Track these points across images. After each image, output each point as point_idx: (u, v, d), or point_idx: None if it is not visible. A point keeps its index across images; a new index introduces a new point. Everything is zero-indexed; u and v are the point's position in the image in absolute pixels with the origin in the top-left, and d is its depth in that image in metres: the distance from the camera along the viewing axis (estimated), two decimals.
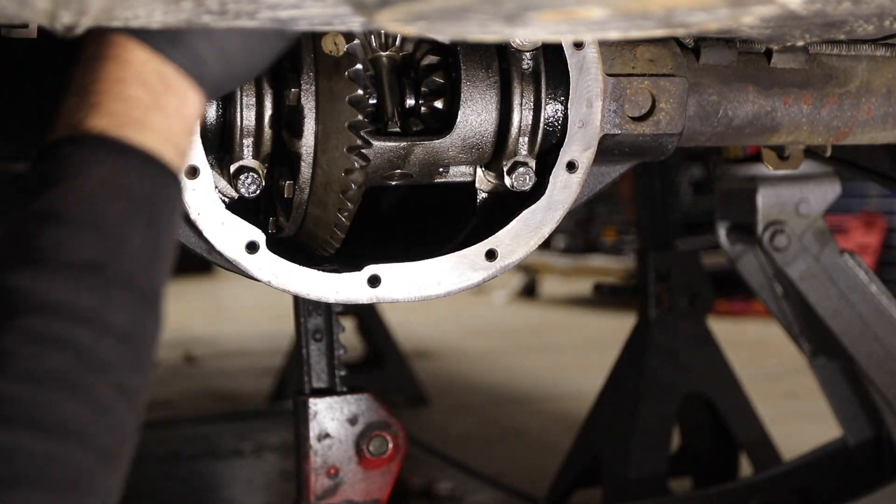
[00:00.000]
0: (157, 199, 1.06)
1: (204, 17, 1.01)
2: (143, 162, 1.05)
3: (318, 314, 1.94)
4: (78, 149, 1.03)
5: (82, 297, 0.98)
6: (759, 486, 2.73)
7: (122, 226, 1.02)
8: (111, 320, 0.99)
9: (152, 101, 1.07)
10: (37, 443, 0.92)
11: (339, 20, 1.02)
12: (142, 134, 1.06)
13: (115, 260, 1.01)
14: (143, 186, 1.05)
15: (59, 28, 1.00)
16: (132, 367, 1.02)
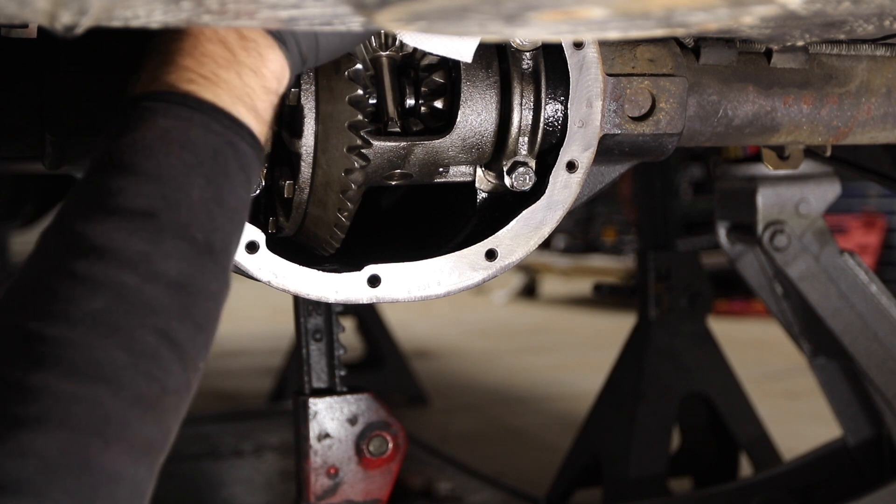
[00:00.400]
0: (221, 154, 1.04)
1: (204, 16, 1.01)
2: (208, 116, 1.04)
3: (318, 314, 1.94)
4: (146, 102, 1.03)
5: (132, 242, 0.97)
6: (759, 486, 2.73)
7: (181, 177, 1.01)
8: (160, 267, 0.97)
9: (228, 57, 1.06)
10: (64, 383, 0.90)
11: (339, 20, 1.02)
12: (212, 89, 1.04)
13: (169, 209, 0.99)
14: (207, 140, 1.03)
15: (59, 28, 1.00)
16: (181, 316, 0.99)
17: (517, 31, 1.02)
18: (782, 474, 2.75)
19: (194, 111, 1.03)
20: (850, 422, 2.64)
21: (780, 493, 2.70)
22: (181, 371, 1.00)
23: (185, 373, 1.01)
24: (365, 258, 1.43)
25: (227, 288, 1.06)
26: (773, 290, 2.57)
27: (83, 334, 0.92)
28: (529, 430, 4.61)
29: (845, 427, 2.64)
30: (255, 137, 1.08)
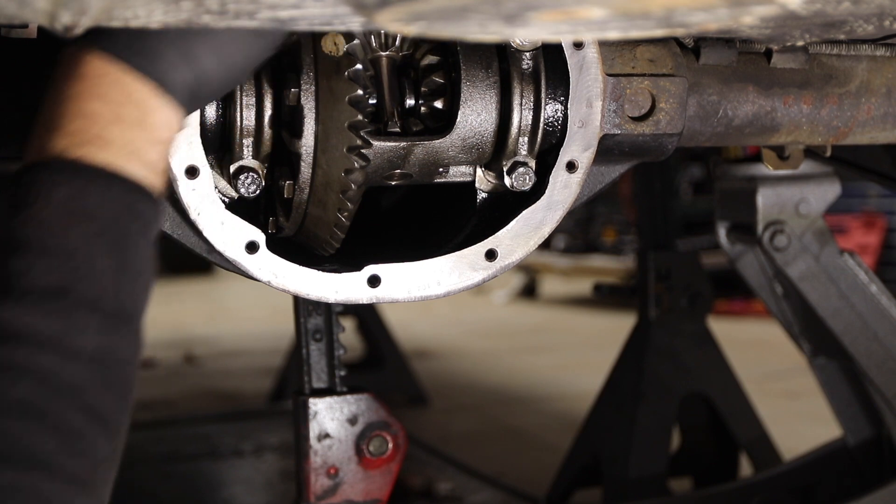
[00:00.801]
0: (122, 218, 1.04)
1: (204, 16, 1.01)
2: (104, 180, 1.03)
3: (318, 314, 1.94)
4: (40, 173, 1.02)
5: (46, 323, 0.97)
6: (759, 486, 2.73)
7: (85, 248, 1.01)
8: (77, 344, 0.98)
9: (112, 115, 1.04)
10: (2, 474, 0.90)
11: (339, 20, 1.02)
12: (103, 151, 1.03)
13: (77, 284, 0.99)
14: (106, 205, 1.02)
15: (59, 28, 1.00)
16: (104, 389, 1.00)
17: (517, 31, 1.02)
18: (782, 474, 2.75)
19: (89, 179, 1.02)
20: (850, 422, 2.64)
21: (780, 493, 2.70)
22: (107, 442, 1.00)
23: (111, 442, 1.01)
24: (365, 258, 1.43)
25: (141, 347, 1.08)
26: (773, 290, 2.57)
27: (12, 424, 0.93)
28: (529, 430, 4.61)
29: (845, 427, 2.64)
30: (151, 193, 1.07)
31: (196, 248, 1.40)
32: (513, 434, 4.55)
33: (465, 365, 6.30)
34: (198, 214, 1.33)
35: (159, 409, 5.01)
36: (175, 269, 11.27)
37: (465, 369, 6.16)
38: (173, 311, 8.67)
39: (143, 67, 1.06)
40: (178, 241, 1.41)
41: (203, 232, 1.35)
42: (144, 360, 6.26)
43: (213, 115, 1.36)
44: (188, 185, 1.32)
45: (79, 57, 1.05)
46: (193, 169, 1.32)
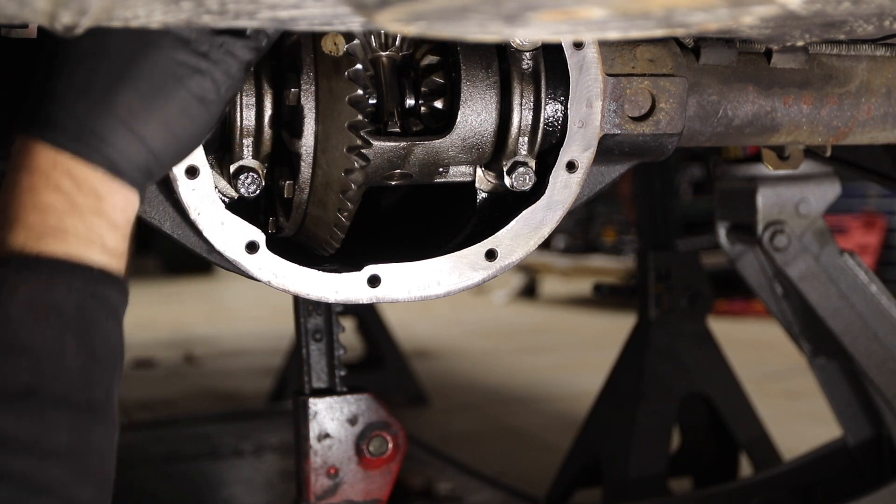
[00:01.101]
0: (87, 309, 1.04)
1: (204, 17, 1.01)
2: (66, 272, 1.04)
3: (318, 314, 1.94)
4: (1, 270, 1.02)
5: (18, 425, 0.97)
6: (759, 486, 2.73)
7: (53, 344, 1.01)
8: (51, 443, 0.99)
9: (68, 205, 1.05)
10: None
11: (339, 20, 1.02)
12: (62, 242, 1.04)
13: (47, 382, 1.00)
14: (71, 297, 1.03)
15: (59, 28, 1.00)
16: (82, 481, 1.01)
17: (517, 31, 1.02)
18: (782, 474, 2.75)
19: (51, 273, 1.03)
20: (850, 422, 2.64)
21: (780, 493, 2.70)
22: None
23: None
24: (365, 258, 1.43)
25: (117, 429, 1.08)
26: (773, 290, 2.57)
27: None
28: (529, 430, 4.61)
29: (845, 427, 2.64)
30: (115, 278, 1.08)
31: (196, 248, 1.40)
32: (513, 434, 4.55)
33: (465, 365, 6.30)
34: (198, 214, 1.33)
35: (159, 409, 5.01)
36: (175, 269, 11.29)
37: (465, 369, 6.16)
38: (173, 311, 8.68)
39: (92, 155, 1.07)
40: (178, 241, 1.40)
41: (203, 232, 1.35)
42: (144, 360, 6.27)
43: None
44: (188, 185, 1.32)
45: (29, 149, 1.06)
46: (193, 169, 1.32)
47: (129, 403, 4.98)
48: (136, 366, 6.14)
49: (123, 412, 4.79)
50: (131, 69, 1.10)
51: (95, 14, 0.98)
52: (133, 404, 4.99)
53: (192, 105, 1.14)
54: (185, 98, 1.13)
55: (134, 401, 5.07)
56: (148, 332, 7.28)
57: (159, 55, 1.11)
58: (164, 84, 1.12)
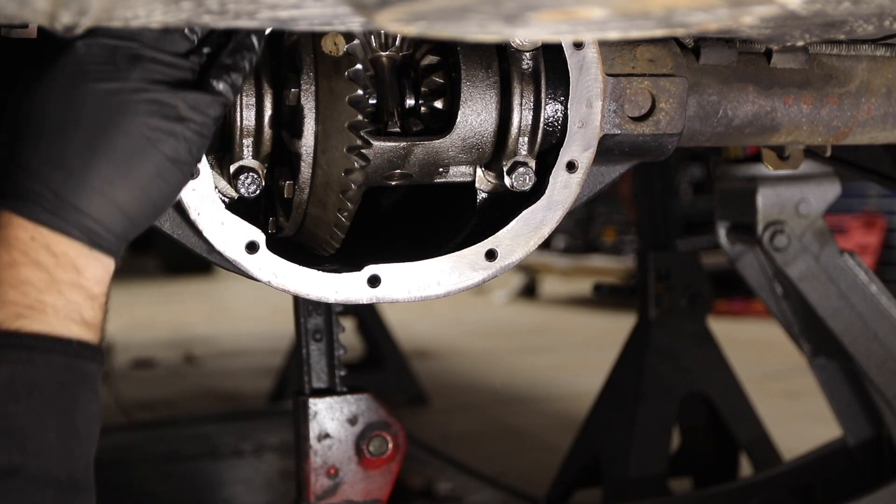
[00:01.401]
0: (67, 384, 1.06)
1: (204, 16, 1.01)
2: (46, 349, 1.05)
3: (318, 314, 1.94)
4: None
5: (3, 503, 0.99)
6: (759, 486, 2.73)
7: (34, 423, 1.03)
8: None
9: (47, 280, 1.07)
10: None
11: (339, 20, 1.02)
12: (41, 319, 1.05)
13: (30, 460, 1.02)
14: (51, 374, 1.05)
15: (59, 28, 1.00)
16: None
17: (517, 31, 1.02)
18: (782, 474, 2.75)
19: (31, 351, 1.05)
20: (850, 422, 2.64)
21: (780, 493, 2.71)
22: None
23: None
24: (365, 258, 1.43)
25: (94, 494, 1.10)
26: (773, 290, 2.57)
27: None
28: (529, 430, 4.61)
29: (845, 427, 2.64)
30: (93, 349, 1.09)
31: (196, 248, 1.40)
32: (513, 434, 4.55)
33: (465, 365, 6.30)
34: (198, 214, 1.33)
35: (159, 409, 5.01)
36: (175, 269, 11.28)
37: (465, 369, 6.16)
38: (173, 311, 8.68)
39: (70, 229, 1.09)
40: (178, 241, 1.40)
41: (203, 232, 1.35)
42: (144, 360, 6.27)
43: None
44: (188, 185, 1.32)
45: (6, 223, 1.07)
46: None
47: (129, 403, 4.98)
48: (136, 366, 6.14)
49: (123, 412, 4.81)
50: (105, 139, 1.11)
51: (95, 14, 0.98)
52: (133, 404, 4.99)
53: (166, 168, 1.15)
54: (160, 162, 1.15)
55: (134, 401, 5.07)
56: (148, 332, 7.28)
57: (132, 123, 1.12)
58: (139, 150, 1.13)
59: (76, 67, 1.12)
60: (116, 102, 1.12)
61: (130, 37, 1.13)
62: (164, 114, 1.14)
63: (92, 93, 1.11)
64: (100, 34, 1.12)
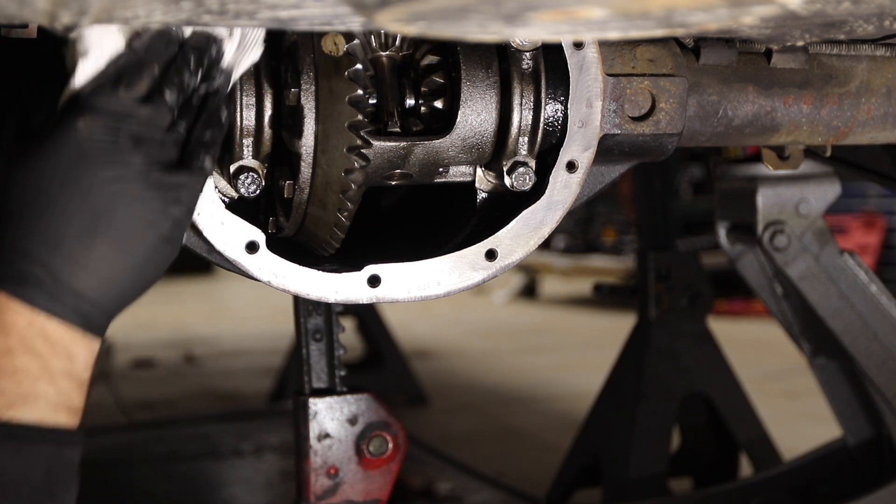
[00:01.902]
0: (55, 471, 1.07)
1: (204, 16, 1.01)
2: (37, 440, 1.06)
3: (318, 314, 1.94)
4: None
5: None
6: (759, 486, 2.73)
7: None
8: None
9: (41, 368, 1.08)
10: None
11: (339, 20, 1.02)
12: (32, 409, 1.07)
13: None
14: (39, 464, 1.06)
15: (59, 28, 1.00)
16: None
17: (517, 31, 1.02)
18: (782, 474, 2.75)
19: (22, 441, 1.06)
20: (850, 422, 2.64)
21: (780, 493, 2.70)
22: None
23: None
24: (365, 258, 1.43)
25: None
26: (773, 290, 2.57)
27: None
28: (529, 430, 4.61)
29: (845, 427, 2.64)
30: (76, 434, 1.11)
31: (196, 248, 1.40)
32: (513, 434, 4.55)
33: (465, 365, 6.30)
34: (198, 214, 1.33)
35: (159, 409, 5.01)
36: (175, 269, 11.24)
37: (465, 369, 6.15)
38: (173, 311, 8.67)
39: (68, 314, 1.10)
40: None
41: (203, 232, 1.35)
42: (144, 360, 6.27)
43: None
44: None
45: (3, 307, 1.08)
46: None
47: (129, 403, 4.98)
48: (136, 366, 6.14)
49: (123, 412, 4.81)
50: (106, 222, 1.13)
51: (95, 14, 0.98)
52: (133, 404, 4.99)
53: (160, 247, 1.17)
54: (155, 242, 1.17)
55: (134, 401, 5.07)
56: (148, 332, 7.27)
57: (132, 207, 1.14)
58: (137, 232, 1.15)
59: (78, 149, 1.13)
60: (119, 188, 1.14)
61: (128, 113, 1.15)
62: (162, 197, 1.16)
63: (95, 178, 1.13)
64: (99, 110, 1.14)
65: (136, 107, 1.15)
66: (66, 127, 1.13)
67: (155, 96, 1.17)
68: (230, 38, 1.26)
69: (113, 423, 4.53)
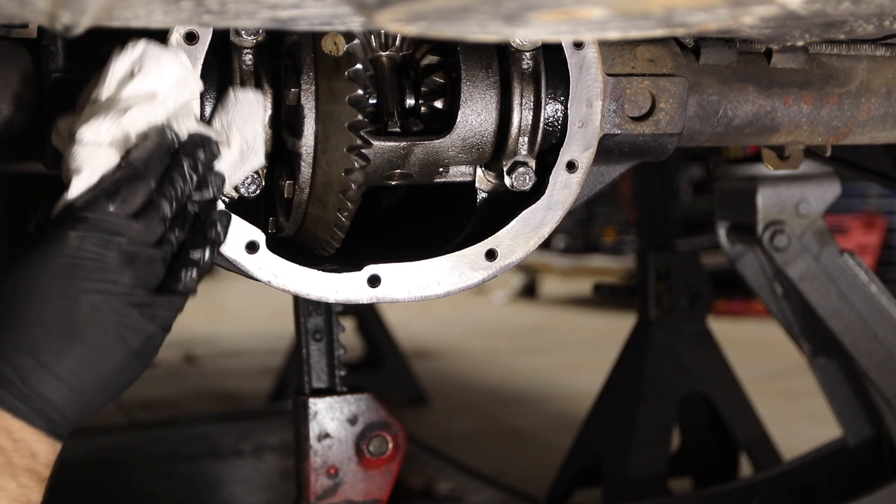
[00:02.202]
0: None
1: (204, 17, 1.01)
2: None
3: (318, 314, 1.94)
4: None
5: None
6: (759, 486, 2.73)
7: None
8: None
9: (3, 463, 1.10)
10: None
11: (339, 20, 1.02)
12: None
13: None
14: None
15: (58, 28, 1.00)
16: None
17: (517, 31, 1.02)
18: (782, 474, 2.75)
19: None
20: (850, 422, 2.64)
21: (780, 493, 2.71)
22: None
23: None
24: (365, 258, 1.43)
25: None
26: (773, 290, 2.57)
27: None
28: (529, 430, 4.61)
29: (845, 427, 2.64)
30: None
31: None
32: (513, 434, 4.55)
33: (465, 365, 6.30)
34: None
35: (159, 409, 5.01)
36: None
37: (465, 369, 6.16)
38: None
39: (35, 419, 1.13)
40: None
41: None
42: None
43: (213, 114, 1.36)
44: None
45: None
46: None
47: (129, 403, 4.98)
48: None
49: (123, 412, 4.81)
50: (83, 333, 1.15)
51: (95, 14, 0.98)
52: (133, 404, 4.99)
53: (129, 362, 1.19)
54: (125, 357, 1.18)
55: (134, 401, 5.07)
56: None
57: (110, 321, 1.16)
58: (109, 346, 1.17)
59: (67, 261, 1.15)
60: (101, 303, 1.16)
61: (120, 230, 1.16)
62: (142, 315, 1.18)
63: (79, 291, 1.15)
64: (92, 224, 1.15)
65: (129, 223, 1.18)
66: (58, 237, 1.16)
67: (148, 209, 1.19)
68: (229, 147, 1.28)
69: (113, 422, 4.53)
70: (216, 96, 1.36)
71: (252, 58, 1.36)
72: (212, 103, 1.36)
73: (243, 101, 1.29)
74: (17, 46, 1.33)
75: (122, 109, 1.19)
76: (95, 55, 1.26)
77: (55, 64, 1.29)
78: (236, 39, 1.35)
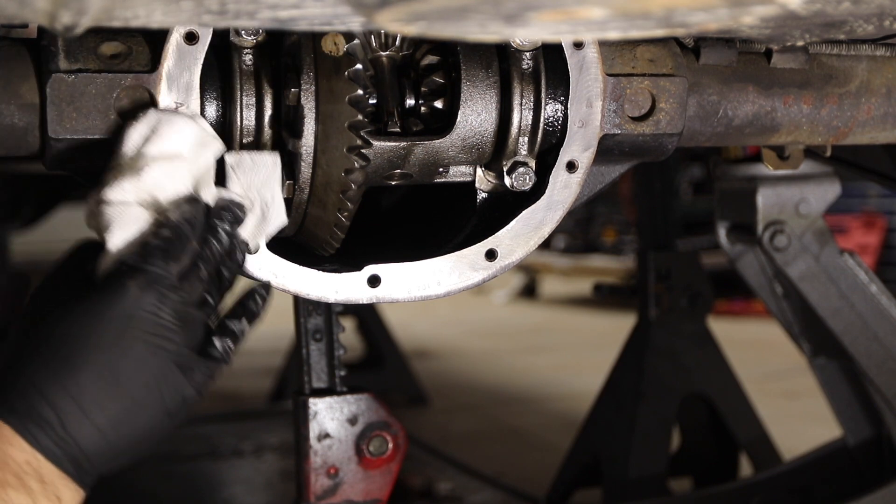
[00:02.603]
0: None
1: (204, 17, 1.01)
2: None
3: (318, 314, 1.94)
4: None
5: None
6: (759, 486, 2.73)
7: None
8: None
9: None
10: None
11: (339, 20, 1.02)
12: None
13: None
14: None
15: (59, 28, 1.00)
16: None
17: (517, 31, 1.02)
18: (782, 474, 2.75)
19: None
20: (850, 422, 2.63)
21: (780, 493, 2.70)
22: None
23: None
24: (365, 258, 1.43)
25: None
26: (773, 290, 2.57)
27: None
28: (529, 430, 4.61)
29: (845, 427, 2.64)
30: None
31: None
32: (513, 434, 4.55)
33: (465, 365, 6.30)
34: None
35: None
36: None
37: (465, 369, 6.15)
38: None
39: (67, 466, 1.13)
40: None
41: None
42: None
43: (213, 114, 1.36)
44: None
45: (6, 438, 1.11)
46: None
47: None
48: None
49: None
50: (127, 387, 1.15)
51: (95, 14, 0.98)
52: None
53: (162, 421, 1.19)
54: (161, 416, 1.19)
55: None
56: None
57: (156, 380, 1.17)
58: (149, 402, 1.17)
59: (127, 312, 1.15)
60: (150, 357, 1.16)
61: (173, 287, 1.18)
62: (182, 376, 1.19)
63: (134, 343, 1.15)
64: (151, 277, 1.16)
65: (179, 282, 1.19)
66: (117, 287, 1.16)
67: (193, 271, 1.21)
68: (252, 210, 1.28)
69: None
70: (216, 96, 1.36)
71: (252, 58, 1.36)
72: (212, 103, 1.36)
73: (260, 163, 1.31)
74: (17, 46, 1.33)
75: (142, 168, 1.20)
76: None
77: (55, 64, 1.29)
78: (236, 39, 1.35)
